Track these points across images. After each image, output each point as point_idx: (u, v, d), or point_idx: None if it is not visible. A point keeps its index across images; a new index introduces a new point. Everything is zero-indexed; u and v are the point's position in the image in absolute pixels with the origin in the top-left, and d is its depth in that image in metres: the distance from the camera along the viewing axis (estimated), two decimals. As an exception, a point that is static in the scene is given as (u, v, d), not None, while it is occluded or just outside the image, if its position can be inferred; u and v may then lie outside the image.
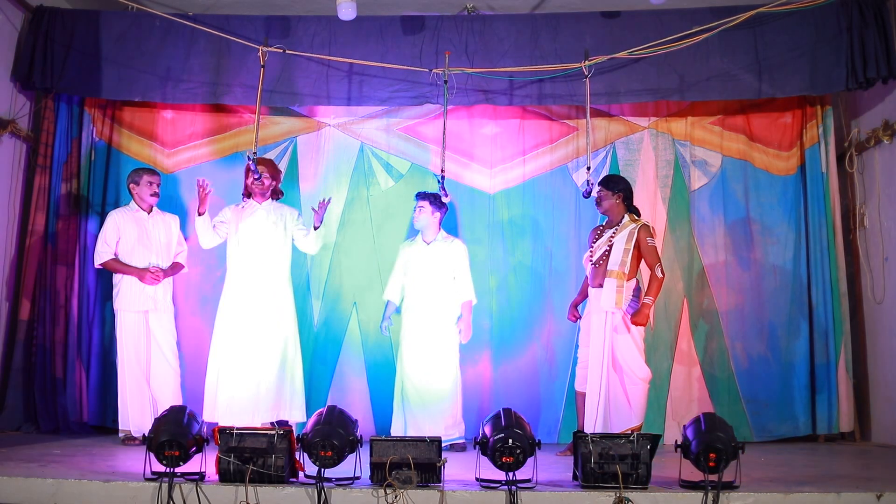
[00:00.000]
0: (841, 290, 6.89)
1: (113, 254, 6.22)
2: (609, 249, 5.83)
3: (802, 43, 6.44)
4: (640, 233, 5.81)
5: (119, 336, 6.22)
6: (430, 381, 6.18)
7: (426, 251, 6.38)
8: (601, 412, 5.68)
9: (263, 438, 4.23)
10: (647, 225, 5.88)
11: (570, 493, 4.15)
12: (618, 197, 5.95)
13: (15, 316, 6.83)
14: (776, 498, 4.05)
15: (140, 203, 6.35)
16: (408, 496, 4.07)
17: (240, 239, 6.16)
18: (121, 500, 4.15)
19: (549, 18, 6.77)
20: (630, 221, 5.89)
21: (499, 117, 7.36)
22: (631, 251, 5.77)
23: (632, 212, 5.99)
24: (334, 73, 6.71)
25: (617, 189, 5.96)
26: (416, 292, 6.34)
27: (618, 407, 5.71)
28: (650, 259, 5.79)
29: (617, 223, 5.94)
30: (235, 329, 6.00)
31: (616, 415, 5.68)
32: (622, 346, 5.73)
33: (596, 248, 5.94)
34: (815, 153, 7.06)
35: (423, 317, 6.28)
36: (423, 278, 6.32)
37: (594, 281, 5.91)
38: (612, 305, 5.71)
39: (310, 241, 6.21)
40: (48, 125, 7.04)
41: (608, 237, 5.89)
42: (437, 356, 6.20)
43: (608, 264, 5.80)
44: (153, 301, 6.23)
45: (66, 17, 6.89)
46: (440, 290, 6.30)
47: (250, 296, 6.04)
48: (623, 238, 5.81)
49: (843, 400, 6.73)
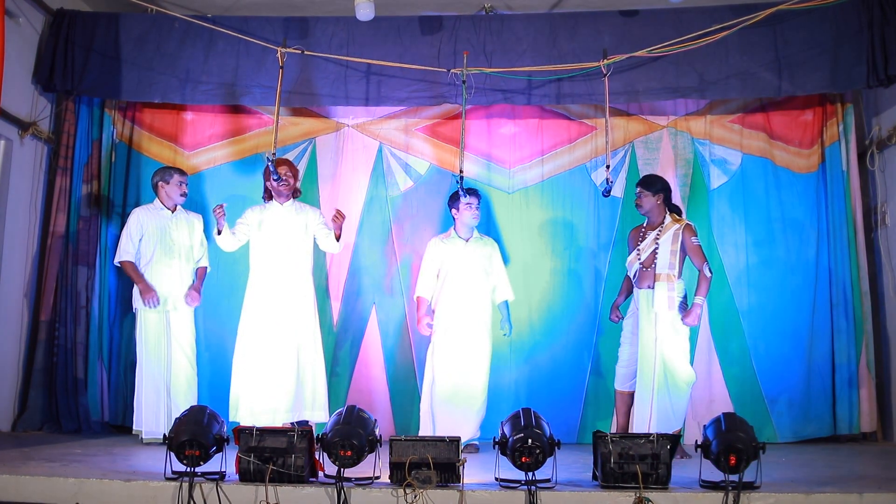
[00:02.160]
0: (862, 289, 6.84)
1: (134, 255, 6.27)
2: (656, 251, 5.81)
3: (823, 40, 6.39)
4: (685, 233, 5.77)
5: (139, 335, 6.26)
6: (463, 381, 6.09)
7: (465, 249, 6.30)
8: (654, 413, 5.63)
9: (283, 438, 4.24)
10: (690, 224, 5.85)
11: (590, 493, 4.14)
12: (658, 197, 5.91)
13: (36, 316, 6.88)
14: (797, 498, 4.02)
15: (166, 201, 6.39)
16: (427, 496, 4.07)
17: (263, 240, 6.16)
18: (142, 500, 4.17)
19: (567, 17, 6.76)
20: (673, 222, 5.85)
21: (517, 117, 7.35)
22: (678, 253, 5.75)
23: (672, 211, 5.97)
24: (352, 73, 6.72)
25: (656, 189, 5.92)
26: (453, 290, 6.25)
27: (664, 411, 5.67)
28: (697, 258, 5.76)
29: (659, 224, 5.90)
30: (260, 329, 6.01)
31: (661, 418, 5.63)
32: (671, 350, 5.69)
33: (642, 249, 5.91)
34: (836, 151, 7.01)
35: (459, 315, 6.19)
36: (461, 276, 6.25)
37: (642, 283, 5.87)
38: (665, 308, 5.69)
39: (332, 242, 6.20)
40: (69, 127, 7.09)
41: (653, 238, 5.85)
42: (471, 355, 6.14)
43: (657, 267, 5.78)
44: (174, 300, 6.28)
45: (86, 19, 6.94)
46: (477, 288, 6.24)
47: (274, 296, 6.04)
48: (668, 239, 5.78)
49: (864, 400, 6.68)
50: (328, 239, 6.21)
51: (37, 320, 6.87)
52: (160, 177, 6.43)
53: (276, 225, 6.18)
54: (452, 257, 6.30)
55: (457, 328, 6.18)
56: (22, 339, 6.84)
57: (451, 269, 6.29)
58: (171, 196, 6.38)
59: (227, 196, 6.99)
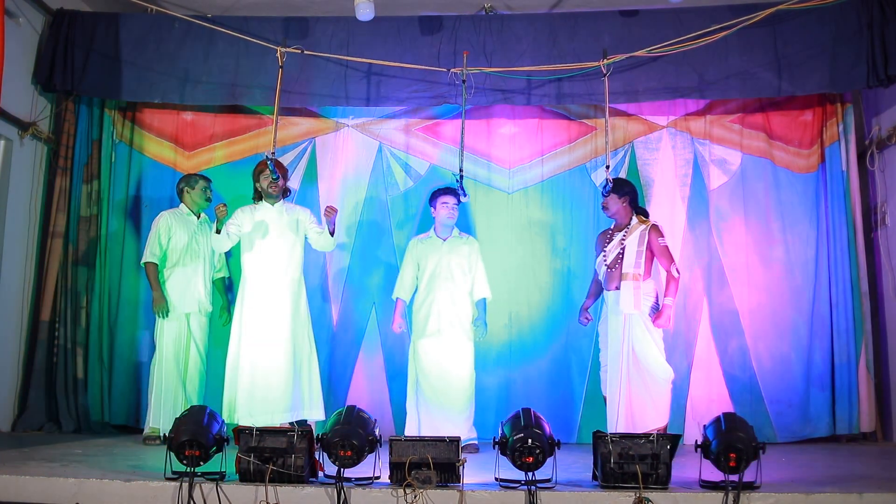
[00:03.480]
0: (862, 289, 6.84)
1: (160, 257, 6.32)
2: (622, 252, 5.85)
3: (822, 40, 6.40)
4: (651, 233, 5.84)
5: (160, 337, 6.28)
6: (446, 380, 6.10)
7: (442, 247, 6.30)
8: (622, 414, 5.69)
9: (283, 438, 4.23)
10: (656, 225, 5.91)
11: (589, 493, 4.14)
12: (624, 200, 6.00)
13: (36, 316, 6.88)
14: (797, 498, 4.02)
15: (191, 207, 6.46)
16: (427, 496, 4.07)
17: (254, 241, 6.09)
18: (142, 500, 4.17)
19: (567, 17, 6.76)
20: (639, 223, 5.92)
21: (517, 117, 7.36)
22: (644, 253, 5.81)
23: (639, 213, 6.02)
24: (352, 73, 6.72)
25: (622, 192, 6.00)
26: (432, 289, 6.23)
27: (642, 409, 5.72)
28: (664, 259, 5.81)
29: (626, 226, 5.97)
30: (253, 330, 5.98)
31: (641, 416, 5.69)
32: (643, 348, 5.74)
33: (609, 251, 5.96)
34: (836, 151, 7.02)
35: (437, 314, 6.18)
36: (439, 275, 6.23)
37: (610, 284, 5.94)
38: (631, 308, 5.75)
39: (325, 240, 6.14)
40: (69, 127, 7.10)
41: (619, 240, 5.92)
42: (453, 354, 6.12)
43: (622, 267, 5.83)
44: (197, 303, 6.35)
45: (86, 19, 6.95)
46: (456, 286, 6.22)
47: (266, 296, 5.99)
48: (634, 240, 5.84)
49: (864, 400, 6.68)
50: (321, 236, 6.11)
51: (37, 320, 6.86)
52: (185, 183, 6.51)
53: (268, 225, 6.12)
54: (429, 257, 6.29)
55: (436, 327, 6.16)
56: (22, 339, 6.84)
57: (428, 269, 6.28)
58: (197, 202, 6.46)
59: (226, 196, 6.99)
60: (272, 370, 5.89)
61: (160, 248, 6.31)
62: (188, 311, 6.31)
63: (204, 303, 6.39)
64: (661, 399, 5.75)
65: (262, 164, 6.06)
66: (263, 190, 6.10)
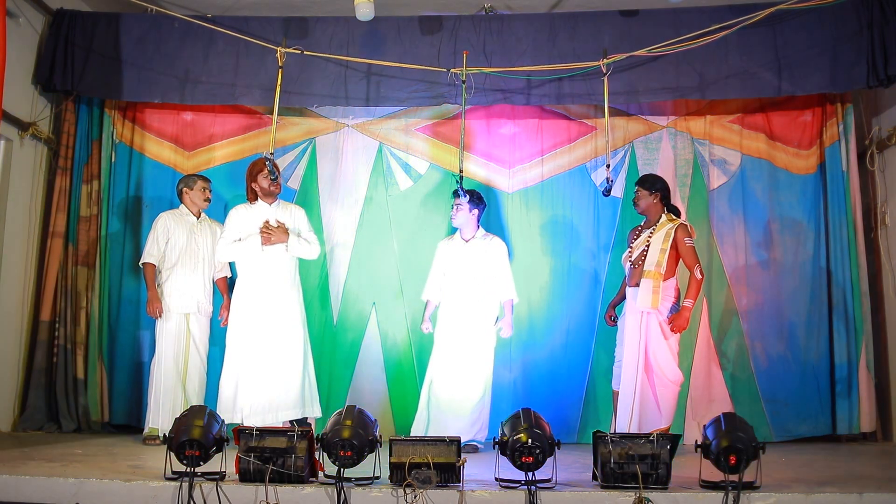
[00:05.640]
0: (862, 289, 6.83)
1: (158, 258, 6.31)
2: (646, 249, 5.83)
3: (822, 40, 6.39)
4: (678, 232, 5.80)
5: (159, 337, 6.27)
6: (460, 382, 6.08)
7: (464, 249, 6.31)
8: (635, 412, 5.67)
9: (283, 438, 4.24)
10: (685, 224, 5.87)
11: (589, 493, 4.14)
12: (655, 196, 5.96)
13: (36, 316, 6.88)
14: (797, 498, 4.02)
15: (191, 207, 6.45)
16: (427, 496, 4.07)
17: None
18: (142, 500, 4.17)
19: (567, 17, 6.76)
20: (667, 221, 5.89)
21: (517, 117, 7.35)
22: (668, 251, 5.76)
23: (670, 211, 5.99)
24: (352, 73, 6.72)
25: (654, 188, 5.97)
26: (454, 291, 6.26)
27: (648, 408, 5.70)
28: (688, 259, 5.78)
29: (654, 223, 5.94)
30: (249, 331, 5.97)
31: (645, 416, 5.67)
32: (656, 347, 5.72)
33: (634, 247, 5.95)
34: (836, 151, 7.01)
35: (459, 316, 6.19)
36: (462, 277, 6.25)
37: (631, 280, 5.94)
38: (648, 305, 5.71)
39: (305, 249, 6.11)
40: (69, 127, 7.10)
41: (646, 237, 5.89)
42: (472, 357, 6.12)
43: (645, 264, 5.80)
44: (196, 304, 6.33)
45: (86, 19, 6.94)
46: (478, 288, 6.22)
47: (262, 297, 5.97)
48: (660, 238, 5.81)
49: (864, 400, 6.67)
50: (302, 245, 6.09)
51: (37, 320, 6.86)
52: (184, 184, 6.49)
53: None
54: (453, 258, 6.32)
55: (457, 329, 6.18)
56: (22, 339, 6.84)
57: (453, 270, 6.31)
58: (196, 202, 6.44)
59: (226, 196, 7.00)
60: (269, 369, 5.88)
61: (158, 248, 6.31)
62: (187, 312, 6.31)
63: (203, 303, 6.38)
64: (668, 401, 5.74)
65: (259, 164, 6.05)
66: (264, 189, 6.08)
